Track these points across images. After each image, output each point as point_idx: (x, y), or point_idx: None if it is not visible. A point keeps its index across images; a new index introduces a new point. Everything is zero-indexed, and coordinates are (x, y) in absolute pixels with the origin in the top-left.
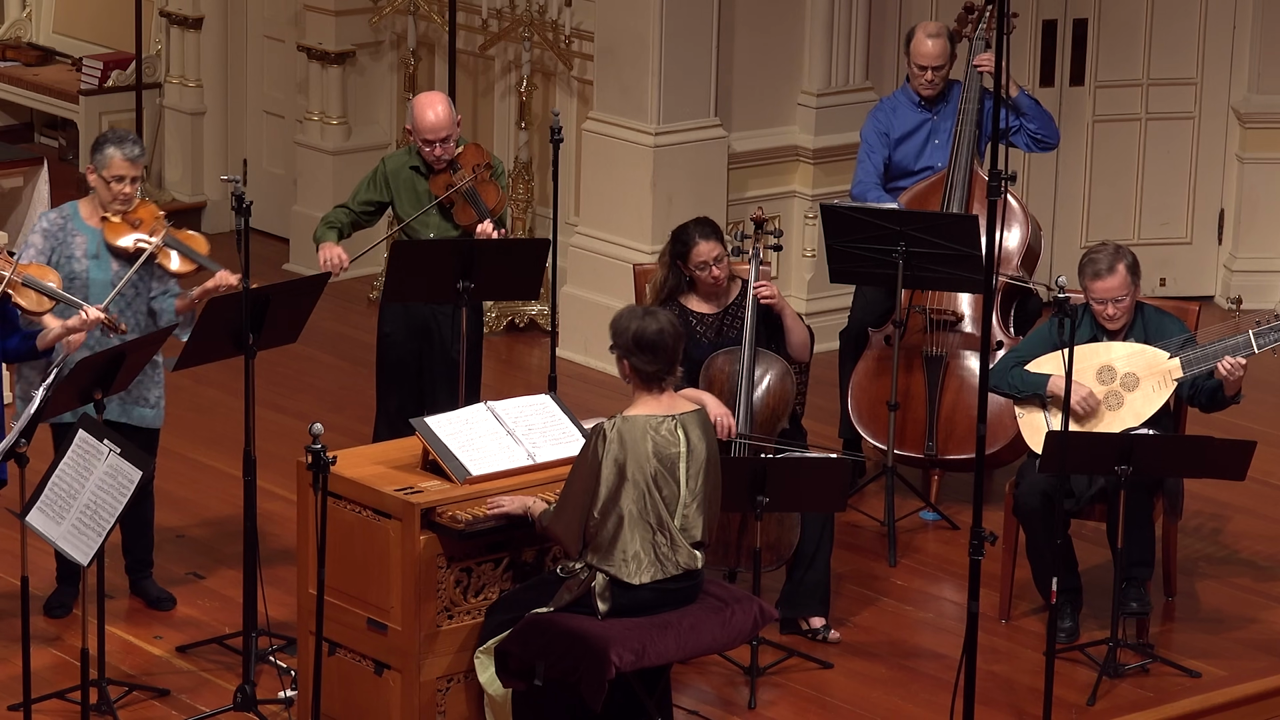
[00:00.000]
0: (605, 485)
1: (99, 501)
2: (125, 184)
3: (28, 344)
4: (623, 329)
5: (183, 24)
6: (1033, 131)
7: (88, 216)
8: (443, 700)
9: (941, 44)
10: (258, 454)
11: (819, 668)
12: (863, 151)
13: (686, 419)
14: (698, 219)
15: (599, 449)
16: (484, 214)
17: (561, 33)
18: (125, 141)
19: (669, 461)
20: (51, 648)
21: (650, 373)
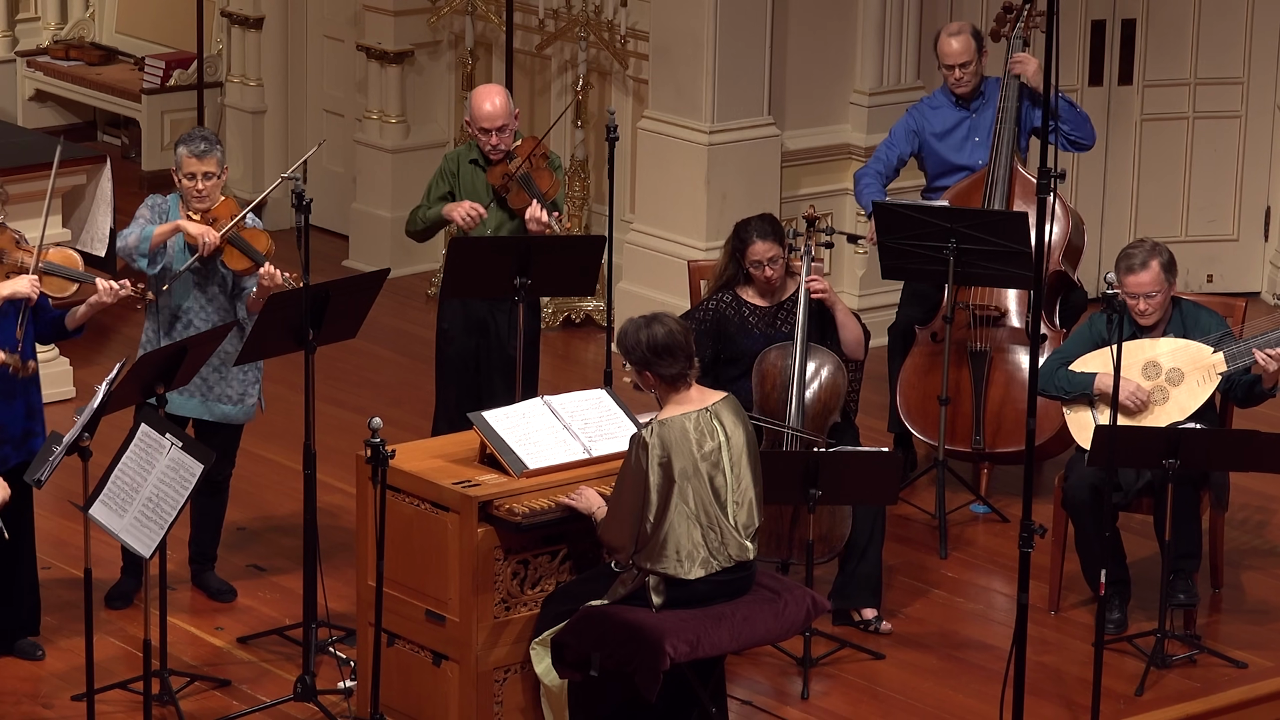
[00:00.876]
0: (655, 491)
1: (161, 494)
2: (198, 181)
3: (58, 326)
4: (634, 343)
5: (244, 24)
6: (1067, 133)
7: (182, 210)
8: (500, 691)
9: (964, 40)
10: (318, 448)
11: (871, 659)
12: (883, 143)
13: (718, 408)
14: (762, 216)
15: (642, 457)
16: (536, 196)
17: (617, 32)
18: (193, 139)
19: (712, 454)
20: (115, 639)
21: (673, 374)
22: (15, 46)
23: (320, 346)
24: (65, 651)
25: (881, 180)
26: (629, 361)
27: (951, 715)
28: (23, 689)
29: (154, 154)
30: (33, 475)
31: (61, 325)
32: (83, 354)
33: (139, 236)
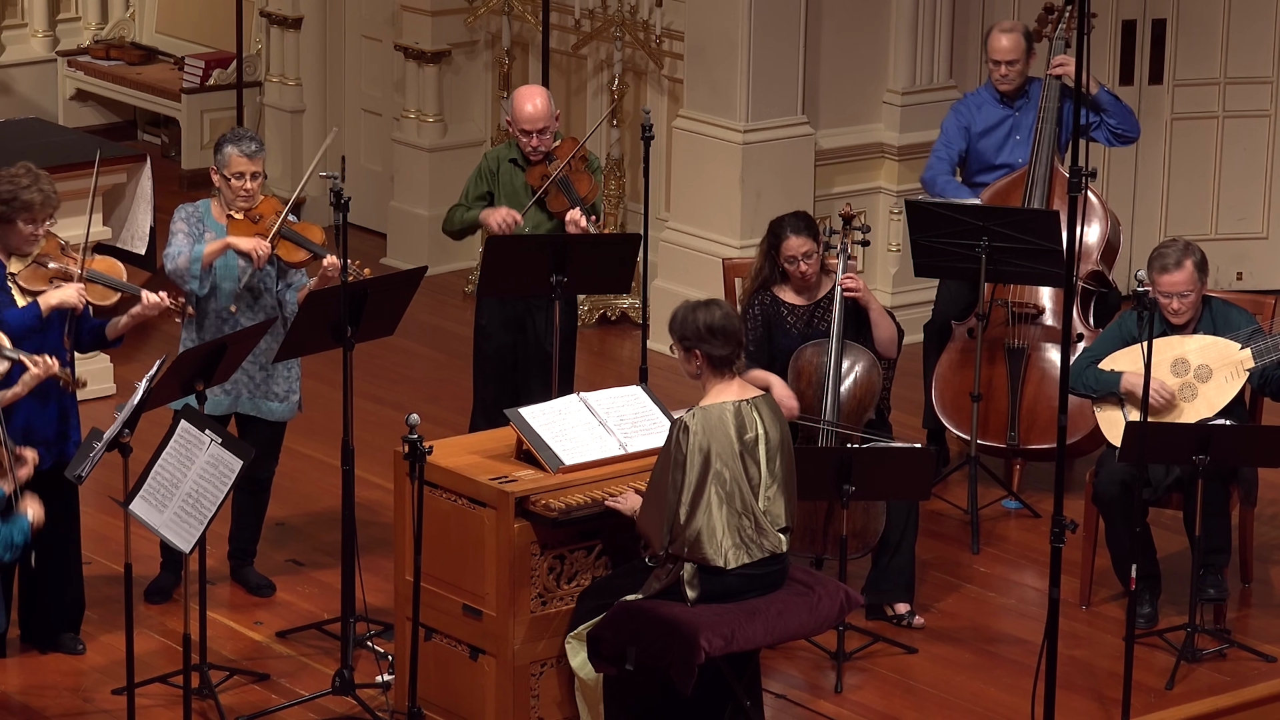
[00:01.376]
0: (692, 475)
1: (200, 490)
2: (245, 180)
3: (99, 334)
4: (689, 321)
5: (282, 24)
6: (1113, 127)
7: (217, 215)
8: (536, 684)
9: (1015, 39)
10: (356, 444)
11: (904, 652)
12: (940, 141)
13: (758, 402)
14: (795, 213)
15: (682, 442)
16: (575, 201)
17: (652, 32)
18: (243, 139)
19: (750, 445)
20: (154, 633)
21: (722, 356)
22: (56, 46)
23: (359, 343)
24: (105, 646)
25: (953, 176)
26: (679, 341)
27: (984, 709)
28: (64, 683)
29: (193, 153)
30: (73, 471)
31: (102, 334)
32: (123, 351)
33: (189, 258)
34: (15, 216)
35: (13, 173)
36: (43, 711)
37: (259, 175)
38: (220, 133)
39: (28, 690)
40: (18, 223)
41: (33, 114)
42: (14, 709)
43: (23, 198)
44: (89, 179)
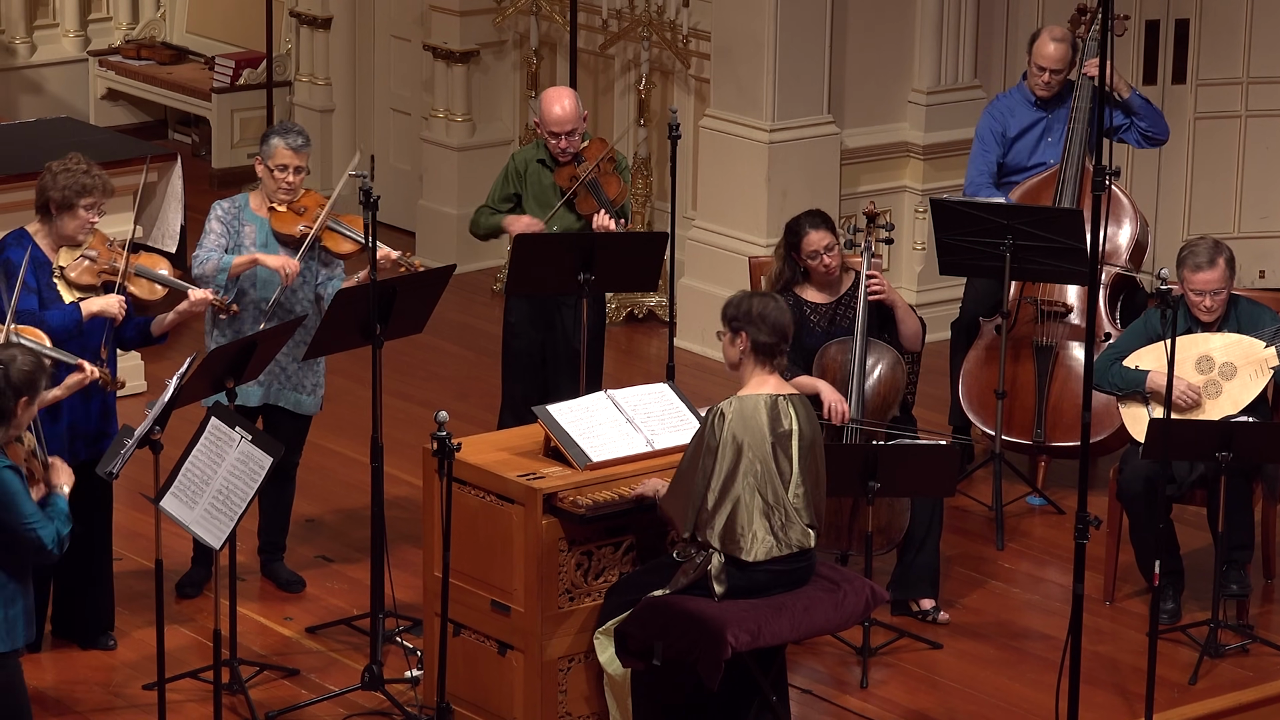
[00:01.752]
0: (723, 463)
1: (231, 487)
2: (289, 173)
3: (144, 331)
4: (742, 304)
5: (312, 24)
6: (1144, 129)
7: (256, 207)
8: (564, 680)
9: (1064, 49)
10: (385, 441)
11: (929, 648)
12: (976, 148)
13: (794, 399)
14: (809, 210)
15: (716, 428)
16: (604, 203)
17: (679, 32)
18: (290, 132)
19: (783, 438)
20: (185, 628)
21: (767, 344)
22: (87, 46)
23: (388, 341)
24: (136, 641)
25: (994, 184)
26: (728, 322)
27: (1008, 704)
28: (95, 678)
29: (224, 152)
30: (105, 468)
31: (147, 332)
32: (154, 349)
33: (216, 266)
34: (76, 201)
35: (66, 162)
36: (75, 706)
37: (302, 170)
38: (250, 132)
39: (60, 685)
40: (78, 208)
41: (64, 113)
42: (47, 704)
43: (84, 182)
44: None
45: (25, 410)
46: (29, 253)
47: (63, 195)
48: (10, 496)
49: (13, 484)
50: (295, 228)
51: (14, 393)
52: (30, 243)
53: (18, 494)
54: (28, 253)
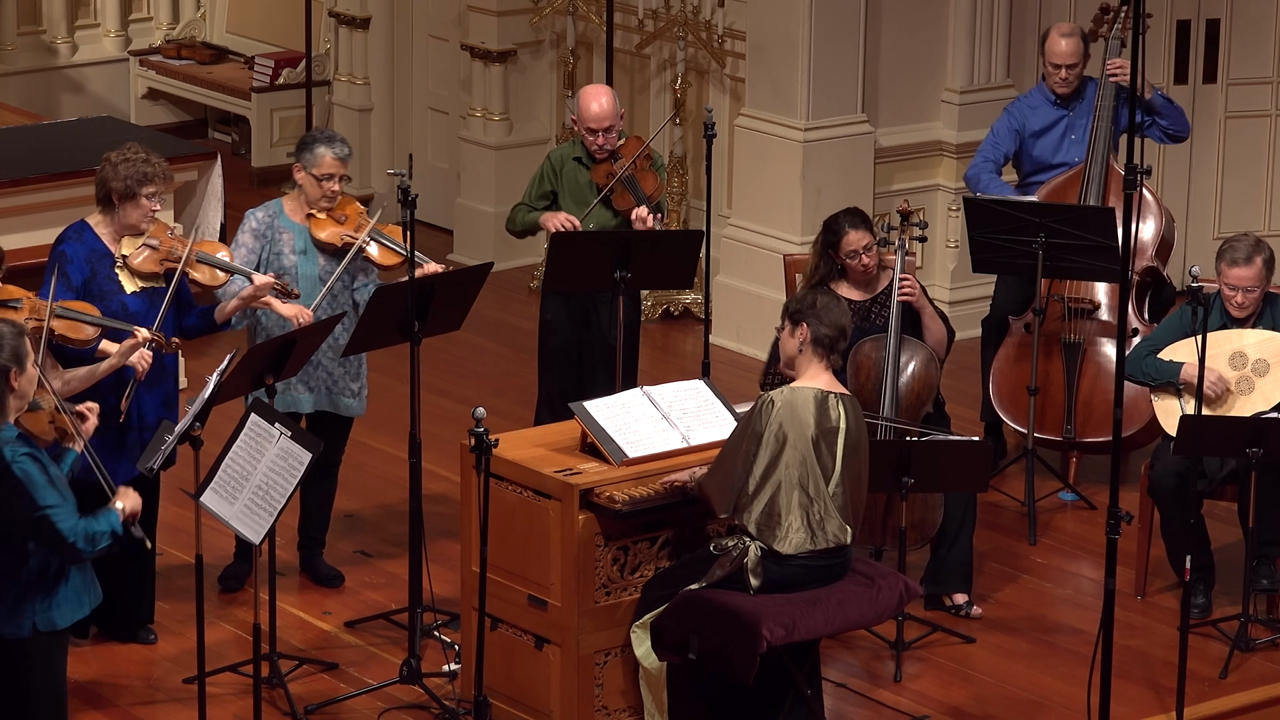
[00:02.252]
0: (766, 451)
1: (270, 483)
2: (334, 182)
3: (207, 319)
4: (806, 298)
5: (351, 24)
6: (1165, 127)
7: (292, 213)
8: (600, 673)
9: (1074, 43)
10: (423, 437)
11: (962, 642)
12: (988, 140)
13: (845, 398)
14: (848, 209)
15: (764, 415)
16: (641, 199)
17: (715, 32)
18: (335, 141)
19: (830, 435)
20: (225, 623)
21: (828, 338)
22: (128, 46)
23: (426, 338)
24: (176, 635)
25: (998, 174)
26: (790, 315)
27: (1040, 697)
28: (135, 671)
29: (263, 150)
30: (145, 464)
31: (210, 319)
32: (195, 345)
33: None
34: (139, 189)
35: (125, 152)
36: (116, 699)
37: (345, 178)
38: (289, 131)
39: (102, 678)
40: (140, 196)
41: (105, 113)
42: (88, 697)
43: (144, 170)
44: None
45: (20, 379)
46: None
47: (124, 185)
48: (28, 487)
49: (32, 473)
50: (338, 236)
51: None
52: (91, 235)
53: (38, 483)
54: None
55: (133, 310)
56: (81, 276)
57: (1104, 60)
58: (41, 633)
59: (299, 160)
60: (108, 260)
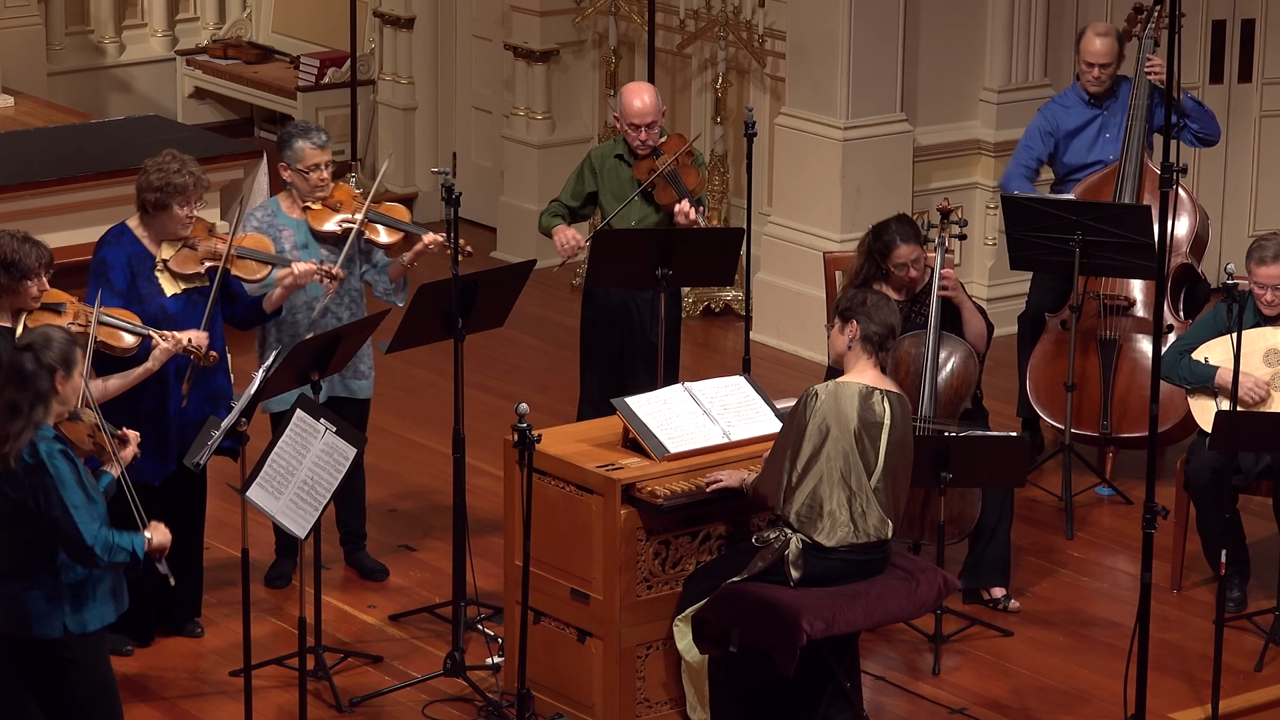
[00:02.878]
0: (810, 443)
1: (315, 477)
2: (321, 171)
3: (256, 309)
4: (856, 296)
5: (395, 24)
6: (1195, 130)
7: (289, 209)
8: (642, 666)
9: (1109, 43)
10: (466, 432)
11: (1000, 635)
12: (1021, 144)
13: (891, 395)
14: (900, 218)
15: (808, 409)
16: (683, 193)
17: (755, 32)
18: (311, 132)
19: (873, 429)
20: (271, 617)
21: (874, 334)
22: (175, 46)
23: (469, 335)
24: (223, 629)
25: (1032, 179)
26: (840, 313)
27: (1077, 690)
28: (182, 665)
29: None
30: (191, 459)
31: (259, 309)
32: (240, 342)
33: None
34: (170, 201)
35: (160, 161)
36: (163, 692)
37: (330, 164)
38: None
39: (149, 671)
40: (173, 207)
41: (152, 111)
42: (135, 690)
43: (175, 182)
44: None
45: (65, 384)
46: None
47: (157, 197)
48: (57, 483)
49: (62, 471)
50: (335, 224)
51: (49, 372)
52: (130, 238)
53: (67, 482)
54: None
55: (172, 313)
56: (124, 281)
57: (1138, 59)
58: (73, 634)
59: (282, 159)
60: (147, 263)
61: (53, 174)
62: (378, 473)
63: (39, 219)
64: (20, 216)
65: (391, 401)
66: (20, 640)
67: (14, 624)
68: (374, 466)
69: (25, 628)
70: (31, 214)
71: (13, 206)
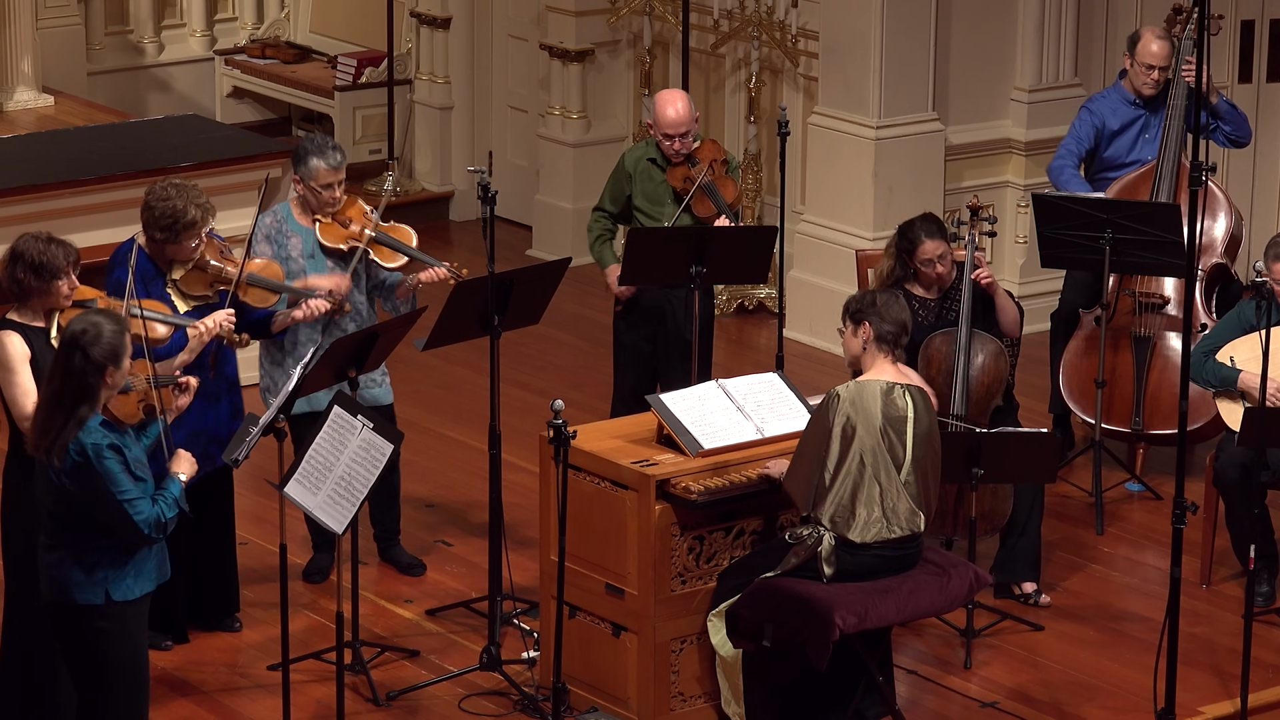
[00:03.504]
0: (837, 444)
1: (353, 474)
2: (334, 190)
3: (263, 328)
4: (865, 297)
5: (432, 24)
6: (1228, 132)
7: (299, 217)
8: (676, 660)
9: (1166, 46)
10: (502, 429)
11: (1030, 630)
12: (1070, 136)
13: (912, 389)
14: (924, 216)
15: (831, 411)
16: (723, 209)
17: (788, 32)
18: (326, 150)
19: (897, 424)
20: (309, 611)
21: (889, 333)
22: (214, 45)
23: (505, 332)
24: (261, 624)
25: (1080, 171)
26: (851, 315)
27: (1108, 684)
28: (220, 659)
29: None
30: (230, 455)
31: (266, 328)
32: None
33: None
34: (180, 237)
35: (164, 194)
36: (201, 686)
37: (343, 181)
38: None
39: (187, 666)
40: (182, 241)
41: (191, 110)
42: (174, 684)
43: (185, 219)
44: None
45: (115, 375)
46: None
47: (164, 235)
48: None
49: (111, 468)
50: (343, 240)
51: (97, 370)
52: (141, 257)
53: (116, 477)
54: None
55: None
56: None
57: (1176, 60)
58: (115, 601)
59: (296, 173)
60: (159, 281)
61: (93, 172)
62: (414, 469)
63: (79, 217)
64: (61, 215)
65: (428, 398)
66: (61, 604)
67: (56, 588)
68: (411, 463)
69: (67, 593)
70: (72, 212)
71: (54, 205)
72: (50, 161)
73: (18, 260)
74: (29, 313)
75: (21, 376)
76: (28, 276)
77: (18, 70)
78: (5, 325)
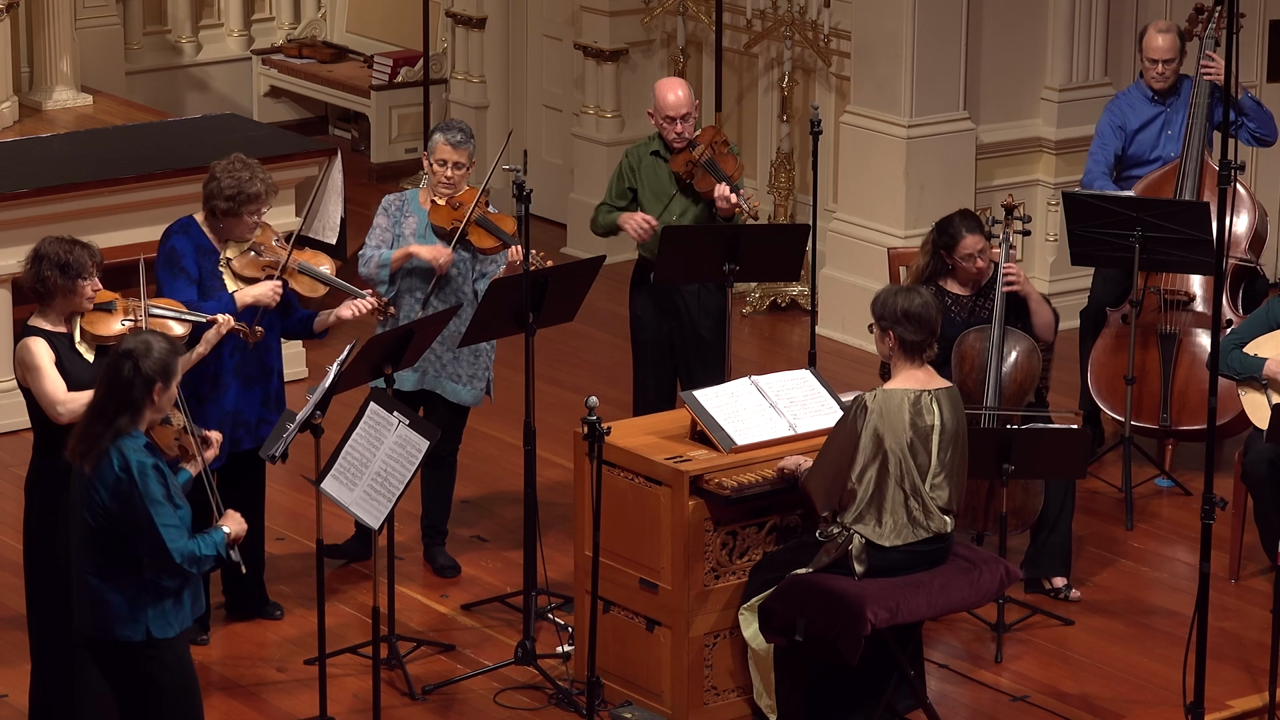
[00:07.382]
0: (863, 453)
1: (389, 470)
2: (448, 168)
3: (306, 326)
4: (889, 305)
5: (467, 24)
6: (1253, 130)
7: (422, 200)
8: (709, 655)
9: (1171, 39)
10: (537, 425)
11: (1061, 624)
12: (1096, 143)
13: (940, 394)
14: (962, 212)
15: (858, 419)
16: (722, 178)
17: (820, 32)
18: (450, 129)
19: (923, 433)
20: (345, 606)
21: (915, 342)
22: (251, 45)
23: (540, 329)
24: (298, 618)
25: (1110, 177)
26: (877, 321)
27: (1137, 678)
28: (257, 653)
29: (382, 147)
30: (268, 451)
31: (309, 326)
32: None
33: (378, 263)
34: (242, 210)
35: (230, 166)
36: (239, 680)
37: (461, 165)
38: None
39: (225, 661)
40: (243, 215)
41: (229, 110)
42: (213, 679)
43: (248, 190)
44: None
45: (163, 395)
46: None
47: (229, 205)
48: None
49: (153, 489)
50: (448, 221)
51: (145, 383)
52: (197, 230)
53: (158, 500)
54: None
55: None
56: (196, 269)
57: (1199, 59)
58: (155, 638)
59: (425, 149)
60: (212, 257)
61: (131, 171)
62: None
63: (118, 215)
64: (100, 213)
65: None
66: (103, 641)
67: (97, 625)
68: None
69: (108, 629)
70: (110, 210)
71: (92, 203)
72: (89, 160)
73: (43, 260)
74: (52, 316)
75: (49, 373)
76: (54, 275)
77: (57, 70)
78: (30, 332)
